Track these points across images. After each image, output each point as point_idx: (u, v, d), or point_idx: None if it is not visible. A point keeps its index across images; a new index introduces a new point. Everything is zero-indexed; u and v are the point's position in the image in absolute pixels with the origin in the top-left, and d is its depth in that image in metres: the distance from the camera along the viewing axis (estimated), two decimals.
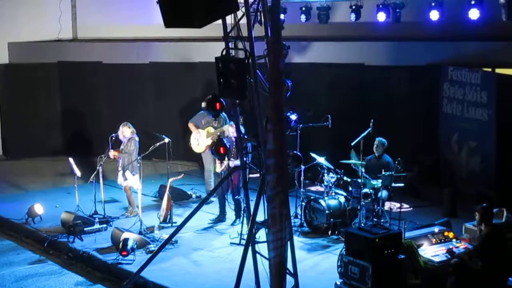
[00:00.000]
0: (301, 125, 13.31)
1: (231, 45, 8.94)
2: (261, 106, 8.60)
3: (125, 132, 13.71)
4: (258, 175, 9.73)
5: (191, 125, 14.31)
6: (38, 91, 19.33)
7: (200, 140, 14.23)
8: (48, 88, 19.40)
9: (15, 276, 11.71)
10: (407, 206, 12.59)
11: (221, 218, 13.70)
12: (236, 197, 13.31)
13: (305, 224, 13.12)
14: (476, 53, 15.18)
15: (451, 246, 10.17)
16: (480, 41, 15.29)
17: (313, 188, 14.27)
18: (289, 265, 8.70)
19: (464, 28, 15.10)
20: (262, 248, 8.88)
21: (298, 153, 11.63)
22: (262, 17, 8.83)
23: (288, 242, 8.48)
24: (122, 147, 13.75)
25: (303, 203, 13.20)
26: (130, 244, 11.72)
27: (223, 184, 12.99)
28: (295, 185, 13.59)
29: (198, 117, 14.24)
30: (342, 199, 12.89)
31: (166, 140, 13.84)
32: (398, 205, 12.39)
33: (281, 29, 7.85)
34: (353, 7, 15.65)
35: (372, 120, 12.48)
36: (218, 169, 13.79)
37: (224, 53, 8.86)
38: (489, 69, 14.77)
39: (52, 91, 19.43)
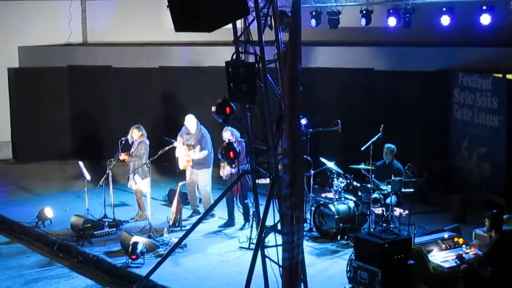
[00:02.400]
0: (310, 130, 13.31)
1: (241, 49, 8.95)
2: (271, 111, 8.60)
3: (134, 134, 13.72)
4: (264, 181, 9.76)
5: (180, 139, 13.97)
6: (48, 95, 19.37)
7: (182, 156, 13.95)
8: (57, 92, 19.45)
9: (25, 279, 11.74)
10: (402, 211, 12.53)
11: (229, 222, 13.69)
12: (245, 201, 13.32)
13: (314, 229, 13.12)
14: (487, 58, 15.13)
15: (460, 252, 10.13)
16: (491, 46, 15.24)
17: (323, 194, 14.25)
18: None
19: (475, 34, 15.04)
20: (272, 253, 8.87)
21: (308, 158, 11.63)
22: (272, 21, 8.84)
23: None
24: (132, 150, 13.76)
25: (313, 208, 13.18)
26: (139, 247, 11.73)
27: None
28: (305, 189, 13.58)
29: (182, 131, 13.99)
30: (352, 204, 12.87)
31: (175, 144, 13.85)
32: (400, 210, 12.41)
33: (300, 30, 7.85)
34: (363, 12, 15.62)
35: (382, 125, 12.46)
36: (222, 174, 13.73)
37: (234, 57, 8.86)
38: (500, 75, 14.71)
39: (61, 95, 19.48)
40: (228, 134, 13.21)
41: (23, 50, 19.61)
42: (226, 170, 13.51)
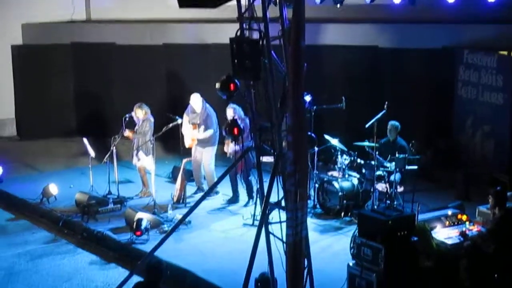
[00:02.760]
0: (314, 107, 13.30)
1: (245, 26, 8.92)
2: (275, 88, 8.59)
3: (138, 113, 13.75)
4: (268, 159, 9.76)
5: (186, 117, 13.98)
6: (52, 72, 19.34)
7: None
8: (61, 69, 19.41)
9: (31, 255, 11.82)
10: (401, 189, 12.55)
11: (234, 199, 13.73)
12: (249, 178, 13.34)
13: (318, 206, 13.15)
14: (492, 36, 15.06)
15: (464, 229, 10.14)
16: (497, 23, 15.17)
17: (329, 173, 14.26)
18: None
19: (480, 11, 14.95)
20: (276, 229, 8.90)
21: (312, 135, 11.63)
22: None
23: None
24: (136, 127, 13.78)
25: (316, 185, 13.21)
26: (144, 224, 11.80)
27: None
28: (309, 167, 13.58)
29: (188, 109, 13.98)
30: (355, 181, 12.90)
31: (179, 121, 13.85)
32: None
33: (304, 7, 7.82)
34: None
35: (386, 103, 12.44)
36: (226, 151, 13.75)
37: (238, 34, 8.83)
38: (505, 53, 14.66)
39: (65, 72, 19.44)
40: (231, 112, 13.21)
41: (26, 28, 19.56)
42: (230, 148, 13.54)
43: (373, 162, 12.42)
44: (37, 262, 11.54)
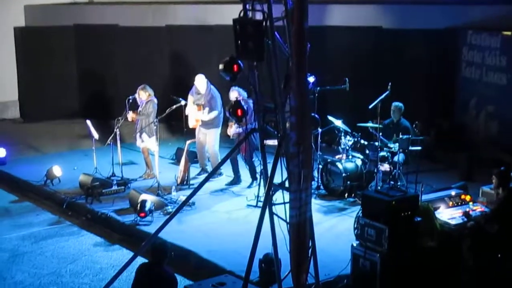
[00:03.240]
0: (318, 88, 13.27)
1: (248, 7, 8.89)
2: (279, 69, 8.58)
3: (142, 95, 13.74)
4: (271, 142, 9.74)
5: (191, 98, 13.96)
6: (54, 54, 19.33)
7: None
8: (64, 51, 19.39)
9: (35, 237, 11.86)
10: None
11: (236, 180, 13.74)
12: (252, 159, 13.35)
13: (321, 187, 13.17)
14: (496, 16, 15.00)
15: (467, 209, 10.14)
16: (501, 4, 15.11)
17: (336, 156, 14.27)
18: None
19: None
20: (280, 211, 8.92)
21: (316, 116, 11.62)
22: None
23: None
24: (140, 109, 13.78)
25: (320, 166, 13.22)
26: (148, 205, 11.82)
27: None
28: (312, 148, 13.59)
29: (192, 90, 13.96)
30: (359, 162, 12.90)
31: (183, 102, 13.85)
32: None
33: None
34: None
35: (390, 84, 12.42)
36: (229, 133, 13.73)
37: (241, 15, 8.80)
38: (509, 33, 14.61)
39: (68, 53, 19.42)
40: (235, 94, 13.19)
41: (29, 9, 19.53)
42: (233, 129, 13.52)
43: (376, 143, 12.41)
44: (41, 244, 11.58)
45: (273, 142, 10.32)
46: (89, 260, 10.96)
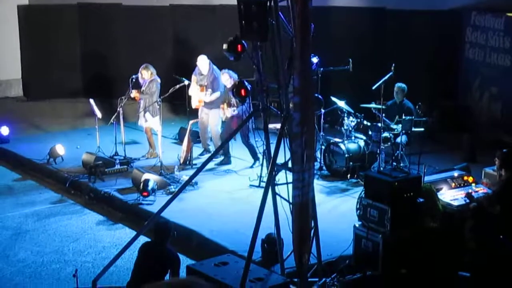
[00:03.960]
0: (321, 69, 13.25)
1: None
2: (283, 49, 8.57)
3: (144, 74, 13.73)
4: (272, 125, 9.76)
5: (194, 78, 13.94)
6: (58, 33, 19.26)
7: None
8: (67, 30, 19.34)
9: (38, 215, 11.90)
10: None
11: (226, 160, 13.74)
12: (249, 141, 13.35)
13: (324, 168, 13.18)
14: None
15: (470, 191, 10.16)
16: None
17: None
18: None
19: None
20: (282, 191, 8.94)
21: (319, 96, 11.61)
22: None
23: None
24: (143, 88, 13.77)
25: (323, 147, 13.22)
26: (150, 185, 11.84)
27: (226, 130, 13.33)
28: (315, 128, 13.58)
29: (196, 70, 13.93)
30: (362, 143, 12.91)
31: (186, 82, 13.85)
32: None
33: None
34: None
35: (394, 65, 12.39)
36: (224, 117, 13.69)
37: None
38: None
39: (71, 32, 19.37)
40: (226, 77, 13.24)
41: None
42: (228, 112, 13.43)
43: (379, 124, 12.41)
44: (44, 222, 11.62)
45: (274, 126, 10.33)
46: (92, 239, 11.01)
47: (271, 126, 9.62)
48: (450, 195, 10.15)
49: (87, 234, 11.18)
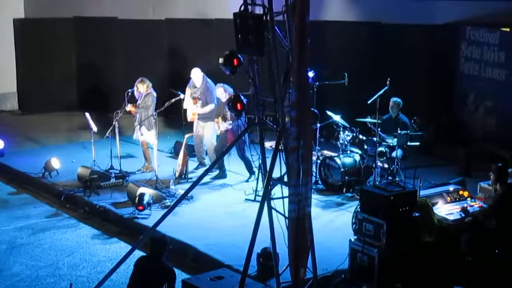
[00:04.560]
0: (317, 83, 13.27)
1: (249, 1, 8.88)
2: (279, 63, 8.58)
3: (140, 88, 13.75)
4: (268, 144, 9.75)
5: (188, 91, 13.96)
6: (54, 46, 19.31)
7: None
8: (63, 43, 19.39)
9: (33, 229, 11.86)
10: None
11: (221, 174, 13.72)
12: (245, 155, 13.34)
13: (320, 182, 13.17)
14: (495, 12, 14.98)
15: (465, 205, 10.18)
16: (499, 0, 15.10)
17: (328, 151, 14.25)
18: None
19: None
20: (278, 205, 8.93)
21: (315, 110, 11.62)
22: None
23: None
24: (138, 102, 13.77)
25: (318, 161, 13.22)
26: (146, 199, 11.81)
27: (220, 144, 13.38)
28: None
29: (190, 83, 13.95)
30: (357, 157, 12.91)
31: (182, 96, 13.86)
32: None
33: None
34: None
35: (389, 79, 12.41)
36: (218, 131, 13.67)
37: (242, 9, 8.80)
38: (508, 29, 14.62)
39: (67, 46, 19.41)
40: (221, 91, 13.26)
41: (28, 1, 19.50)
42: (223, 126, 13.43)
43: (375, 138, 12.42)
44: (39, 236, 11.57)
45: (269, 144, 10.31)
46: (87, 253, 10.96)
47: (266, 144, 9.62)
48: (446, 210, 10.15)
49: (82, 248, 11.13)
